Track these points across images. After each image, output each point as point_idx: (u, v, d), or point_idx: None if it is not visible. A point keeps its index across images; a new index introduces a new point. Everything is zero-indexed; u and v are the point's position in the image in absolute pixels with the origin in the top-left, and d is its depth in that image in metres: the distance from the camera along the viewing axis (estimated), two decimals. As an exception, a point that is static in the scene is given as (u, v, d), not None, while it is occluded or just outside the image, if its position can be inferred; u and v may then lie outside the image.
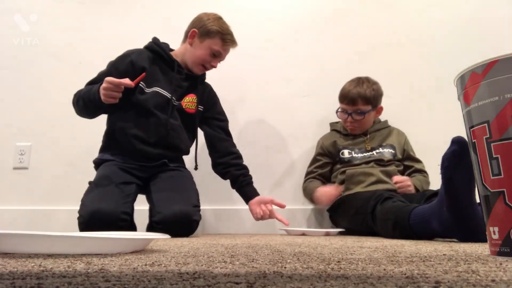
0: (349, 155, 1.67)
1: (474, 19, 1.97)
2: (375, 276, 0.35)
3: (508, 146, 0.47)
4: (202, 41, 1.50)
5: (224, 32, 1.50)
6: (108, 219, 1.20)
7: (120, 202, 1.27)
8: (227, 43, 1.50)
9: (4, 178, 1.93)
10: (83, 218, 1.23)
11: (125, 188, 1.34)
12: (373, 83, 1.67)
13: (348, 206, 1.49)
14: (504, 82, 0.47)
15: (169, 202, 1.33)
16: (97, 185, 1.34)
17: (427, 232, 1.01)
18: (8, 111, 1.99)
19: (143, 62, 1.47)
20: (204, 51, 1.49)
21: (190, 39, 1.51)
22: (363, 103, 1.62)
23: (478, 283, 0.31)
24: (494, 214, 0.48)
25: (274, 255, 0.57)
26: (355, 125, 1.68)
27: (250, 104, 1.87)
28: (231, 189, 1.57)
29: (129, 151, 1.45)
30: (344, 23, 2.03)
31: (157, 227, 1.30)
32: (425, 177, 1.64)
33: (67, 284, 0.30)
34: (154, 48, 1.52)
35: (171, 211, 1.29)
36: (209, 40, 1.49)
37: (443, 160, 0.89)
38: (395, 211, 1.12)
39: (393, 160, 1.63)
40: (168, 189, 1.40)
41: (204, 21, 1.51)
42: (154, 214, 1.32)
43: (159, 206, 1.32)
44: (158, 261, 0.47)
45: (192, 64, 1.53)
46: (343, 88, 1.68)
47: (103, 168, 1.42)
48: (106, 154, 1.48)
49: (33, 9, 2.09)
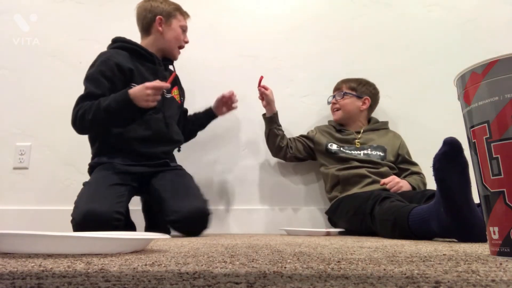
0: (337, 148, 1.68)
1: (474, 19, 1.97)
2: (375, 276, 0.35)
3: (508, 146, 0.47)
4: (169, 24, 1.55)
5: (178, 6, 1.59)
6: (101, 219, 1.19)
7: (113, 202, 1.26)
8: (184, 14, 1.59)
9: (4, 178, 1.93)
10: (75, 220, 1.23)
11: (118, 189, 1.33)
12: (364, 80, 1.77)
13: (346, 207, 1.49)
14: (504, 82, 0.47)
15: (184, 201, 1.34)
16: (90, 186, 1.34)
17: (426, 233, 1.01)
18: (8, 111, 1.99)
19: (126, 63, 1.45)
20: (176, 31, 1.55)
21: (159, 26, 1.54)
22: (347, 87, 1.75)
23: (478, 283, 0.31)
24: (494, 214, 0.48)
25: (274, 255, 0.57)
26: (336, 107, 1.75)
27: (250, 104, 1.86)
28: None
29: (129, 153, 1.45)
30: (344, 23, 2.02)
31: (174, 226, 1.33)
32: (421, 178, 1.64)
33: (67, 284, 0.30)
34: (127, 46, 1.50)
35: (188, 209, 1.31)
36: (174, 20, 1.55)
37: (434, 161, 0.88)
38: (394, 212, 1.12)
39: (382, 162, 1.63)
40: (177, 188, 1.41)
41: (159, 7, 1.56)
42: (169, 214, 1.32)
43: (174, 205, 1.33)
44: (158, 261, 0.47)
45: (170, 50, 1.57)
46: None
47: (98, 170, 1.41)
48: (103, 157, 1.45)
49: (33, 9, 2.09)
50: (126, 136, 1.43)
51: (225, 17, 2.05)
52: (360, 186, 1.55)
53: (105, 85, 1.39)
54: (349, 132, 1.73)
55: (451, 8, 2.00)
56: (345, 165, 1.62)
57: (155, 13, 1.53)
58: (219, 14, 2.05)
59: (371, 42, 1.99)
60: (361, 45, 1.99)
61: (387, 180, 1.53)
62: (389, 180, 1.53)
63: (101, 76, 1.39)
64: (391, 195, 1.29)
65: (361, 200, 1.38)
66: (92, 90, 1.37)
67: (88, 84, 1.40)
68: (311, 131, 1.82)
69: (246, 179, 1.88)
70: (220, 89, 1.74)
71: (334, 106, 1.76)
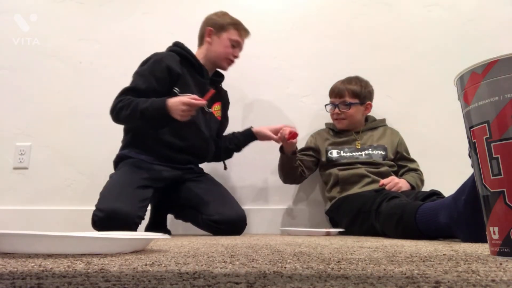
0: (337, 154, 1.66)
1: (474, 19, 1.97)
2: (375, 276, 0.35)
3: (508, 146, 0.47)
4: (219, 36, 1.56)
5: (236, 22, 1.60)
6: (124, 220, 1.22)
7: (137, 206, 1.28)
8: (241, 31, 1.60)
9: (4, 178, 1.93)
10: (99, 215, 1.23)
11: (143, 193, 1.35)
12: (361, 81, 1.71)
13: (349, 207, 1.48)
14: (504, 82, 0.47)
15: (226, 205, 1.43)
16: (119, 182, 1.35)
17: (431, 228, 0.99)
18: (8, 111, 1.99)
19: (177, 67, 1.47)
20: (225, 44, 1.56)
21: (208, 37, 1.57)
22: (350, 96, 1.67)
23: (478, 283, 0.31)
24: (494, 214, 0.48)
25: (274, 255, 0.57)
26: (342, 117, 1.69)
27: (250, 104, 1.86)
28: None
29: (157, 154, 1.46)
30: (344, 23, 2.02)
31: (215, 225, 1.38)
32: (419, 175, 1.64)
33: (67, 284, 0.30)
34: (180, 52, 1.52)
35: (231, 213, 1.41)
36: (225, 33, 1.57)
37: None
38: (403, 206, 1.11)
39: (383, 162, 1.63)
40: (220, 194, 1.50)
41: (214, 18, 1.59)
42: (213, 214, 1.39)
43: (218, 207, 1.41)
44: (158, 261, 0.47)
45: (219, 61, 1.58)
46: (332, 85, 1.74)
47: (128, 165, 1.42)
48: (132, 151, 1.47)
49: (33, 9, 2.09)
50: (160, 139, 1.45)
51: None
52: (359, 185, 1.55)
53: (152, 84, 1.42)
54: (348, 134, 1.72)
55: (451, 8, 2.00)
56: (345, 165, 1.62)
57: (209, 24, 1.58)
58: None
59: (371, 42, 1.99)
60: (361, 45, 1.99)
61: (386, 181, 1.53)
62: (388, 181, 1.52)
63: (151, 75, 1.43)
64: (399, 194, 1.29)
65: (365, 199, 1.38)
66: (139, 85, 1.41)
67: (136, 78, 1.44)
68: (309, 140, 1.79)
69: (246, 179, 1.88)
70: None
71: (338, 116, 1.70)
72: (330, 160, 1.67)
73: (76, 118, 1.96)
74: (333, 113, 1.72)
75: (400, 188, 1.49)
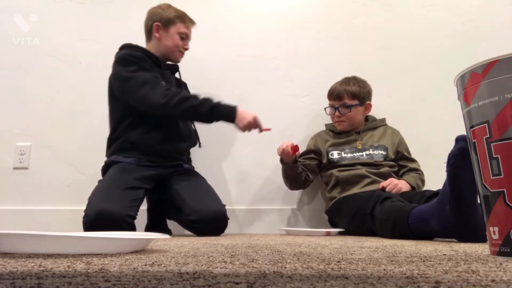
0: (338, 156, 1.66)
1: (474, 19, 1.97)
2: (375, 276, 0.35)
3: (508, 146, 0.47)
4: (167, 31, 1.57)
5: (181, 14, 1.59)
6: (113, 220, 1.21)
7: (127, 205, 1.28)
8: (187, 22, 1.60)
9: (4, 178, 1.93)
10: (88, 217, 1.23)
11: (133, 193, 1.34)
12: (359, 81, 1.70)
13: (347, 208, 1.48)
14: (504, 82, 0.47)
15: (204, 203, 1.38)
16: (106, 185, 1.35)
17: (425, 232, 1.01)
18: (8, 111, 1.99)
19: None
20: (174, 38, 1.57)
21: (157, 33, 1.57)
22: (349, 97, 1.66)
23: (478, 283, 0.31)
24: (494, 214, 0.48)
25: (274, 255, 0.57)
26: (342, 119, 1.69)
27: (250, 104, 1.86)
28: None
29: (145, 152, 1.46)
30: (344, 23, 2.02)
31: (193, 226, 1.35)
32: (420, 175, 1.64)
33: (67, 284, 0.30)
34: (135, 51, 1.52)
35: (208, 210, 1.35)
36: (173, 27, 1.57)
37: (449, 157, 0.87)
38: (394, 211, 1.12)
39: (384, 162, 1.62)
40: (198, 190, 1.46)
41: (160, 12, 1.58)
42: (189, 213, 1.35)
43: (195, 206, 1.36)
44: (158, 261, 0.47)
45: (170, 54, 1.59)
46: (331, 87, 1.73)
47: (115, 169, 1.42)
48: (118, 156, 1.47)
49: (33, 9, 2.09)
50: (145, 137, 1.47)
51: (225, 17, 2.05)
52: (360, 186, 1.55)
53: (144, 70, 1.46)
54: (349, 134, 1.72)
55: (451, 8, 2.00)
56: (346, 166, 1.62)
57: (154, 19, 1.57)
58: (219, 14, 2.05)
59: (371, 42, 1.99)
60: (361, 45, 1.99)
61: (385, 183, 1.52)
62: (388, 183, 1.51)
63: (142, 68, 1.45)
64: (392, 195, 1.29)
65: (362, 201, 1.38)
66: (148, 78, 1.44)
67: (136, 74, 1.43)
68: (310, 143, 1.78)
69: (245, 179, 1.88)
70: (220, 89, 1.73)
71: (339, 118, 1.70)
72: (331, 162, 1.66)
73: (76, 118, 1.96)
74: (334, 115, 1.71)
75: (400, 189, 1.49)
